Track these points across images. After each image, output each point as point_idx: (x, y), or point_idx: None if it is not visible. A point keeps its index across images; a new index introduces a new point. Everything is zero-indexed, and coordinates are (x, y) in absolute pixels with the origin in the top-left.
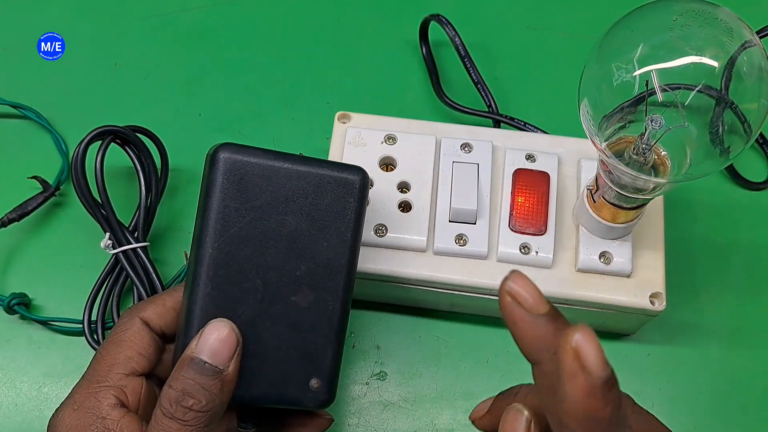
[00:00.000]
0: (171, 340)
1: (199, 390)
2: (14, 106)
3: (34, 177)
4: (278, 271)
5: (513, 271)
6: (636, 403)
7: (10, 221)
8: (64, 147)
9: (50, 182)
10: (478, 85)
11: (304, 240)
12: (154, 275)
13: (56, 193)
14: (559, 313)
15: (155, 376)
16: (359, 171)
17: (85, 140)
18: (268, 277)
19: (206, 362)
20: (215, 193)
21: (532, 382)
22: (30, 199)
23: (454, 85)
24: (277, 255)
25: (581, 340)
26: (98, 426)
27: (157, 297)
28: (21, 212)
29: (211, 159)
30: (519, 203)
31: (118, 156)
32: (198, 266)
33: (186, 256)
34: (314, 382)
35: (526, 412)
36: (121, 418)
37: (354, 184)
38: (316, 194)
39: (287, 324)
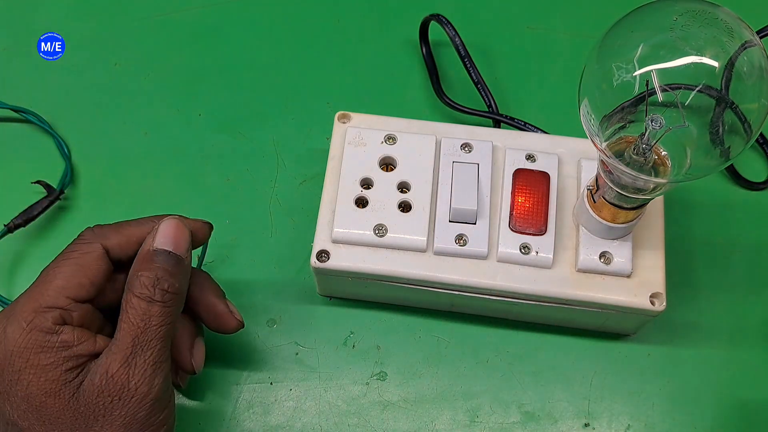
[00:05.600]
0: (121, 269)
1: (169, 276)
2: (15, 110)
3: (38, 182)
4: None
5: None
6: None
7: (17, 227)
8: (66, 150)
9: (54, 186)
10: (478, 85)
11: None
12: None
13: (60, 197)
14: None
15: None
16: None
17: None
18: None
19: (170, 251)
20: None
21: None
22: (35, 203)
23: (454, 85)
24: None
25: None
26: (51, 340)
27: (123, 226)
28: (26, 217)
29: None
30: (519, 203)
31: None
32: None
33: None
34: None
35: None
36: (73, 331)
37: None
38: None
39: None
